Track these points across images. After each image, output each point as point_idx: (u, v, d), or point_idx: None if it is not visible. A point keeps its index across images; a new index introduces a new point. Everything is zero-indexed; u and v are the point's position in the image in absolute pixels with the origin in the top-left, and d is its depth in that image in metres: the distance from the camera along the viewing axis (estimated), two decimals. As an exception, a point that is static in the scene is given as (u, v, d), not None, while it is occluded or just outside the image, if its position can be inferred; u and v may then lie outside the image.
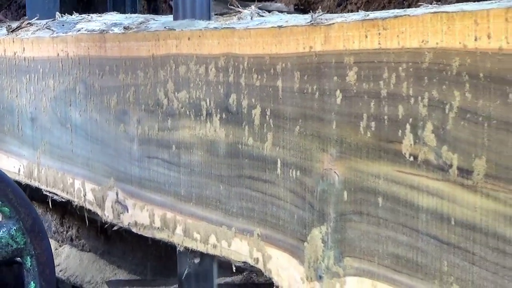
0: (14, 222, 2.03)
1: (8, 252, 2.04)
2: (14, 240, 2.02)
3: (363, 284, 1.71)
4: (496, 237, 1.40)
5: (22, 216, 2.04)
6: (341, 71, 1.70)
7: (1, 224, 2.04)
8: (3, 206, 2.03)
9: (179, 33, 2.28)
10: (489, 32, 1.38)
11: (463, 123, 1.44)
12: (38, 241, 2.06)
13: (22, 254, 2.05)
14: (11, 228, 2.03)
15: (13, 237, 2.02)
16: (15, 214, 2.03)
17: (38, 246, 2.05)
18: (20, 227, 2.03)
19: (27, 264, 2.05)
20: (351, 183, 1.71)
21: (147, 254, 4.22)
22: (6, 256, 2.05)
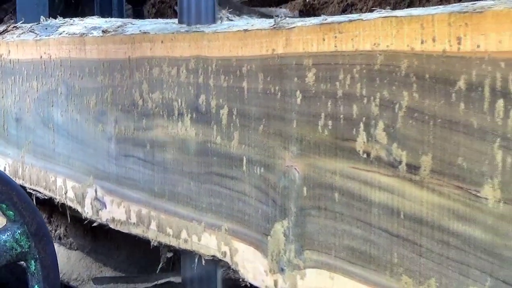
0: (18, 226, 2.00)
1: (12, 255, 2.00)
2: (18, 243, 2.00)
3: (321, 276, 1.75)
4: (441, 230, 1.44)
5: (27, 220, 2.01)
6: (301, 72, 1.74)
7: (6, 228, 2.02)
8: (8, 209, 2.00)
9: (153, 36, 2.32)
10: (434, 36, 1.42)
11: (411, 121, 1.48)
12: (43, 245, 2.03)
13: (26, 257, 2.02)
14: (15, 231, 2.00)
15: (17, 240, 2.00)
16: (20, 218, 2.00)
17: (43, 250, 2.03)
18: (24, 231, 2.00)
19: (31, 268, 2.03)
20: (310, 179, 1.75)
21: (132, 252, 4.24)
22: (10, 259, 2.01)
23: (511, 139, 1.30)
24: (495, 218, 1.34)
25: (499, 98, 1.31)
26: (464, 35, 1.36)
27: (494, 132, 1.32)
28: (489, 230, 1.35)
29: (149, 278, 3.76)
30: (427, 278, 1.48)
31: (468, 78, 1.36)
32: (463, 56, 1.36)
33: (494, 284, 1.35)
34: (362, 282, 1.64)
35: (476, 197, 1.37)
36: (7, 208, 1.99)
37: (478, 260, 1.38)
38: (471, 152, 1.37)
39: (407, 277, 1.53)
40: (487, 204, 1.35)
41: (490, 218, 1.35)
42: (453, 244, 1.42)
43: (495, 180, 1.33)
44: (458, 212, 1.40)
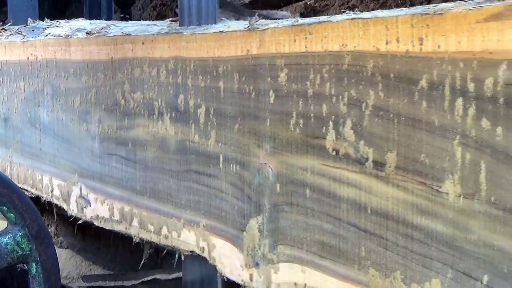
0: (19, 228, 1.98)
1: (13, 258, 1.98)
2: (19, 246, 1.98)
3: (294, 269, 1.78)
4: (405, 224, 1.48)
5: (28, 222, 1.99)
6: (274, 72, 1.77)
7: (7, 230, 2.00)
8: (9, 212, 1.98)
9: (134, 38, 2.35)
10: (398, 37, 1.45)
11: (377, 120, 1.51)
12: (44, 248, 2.01)
13: (27, 260, 2.00)
14: (16, 234, 1.98)
15: (18, 243, 1.98)
16: (21, 221, 1.98)
17: (44, 253, 2.00)
18: (25, 234, 1.98)
19: (32, 271, 2.01)
20: (283, 176, 1.78)
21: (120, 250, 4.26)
22: (11, 262, 2.00)
23: (469, 136, 1.33)
24: (455, 212, 1.37)
25: (459, 96, 1.34)
26: (426, 36, 1.39)
27: (454, 130, 1.35)
28: (450, 224, 1.38)
29: (136, 275, 3.78)
30: (392, 271, 1.51)
31: (429, 77, 1.39)
32: (425, 56, 1.40)
33: (455, 275, 1.38)
34: (332, 275, 1.67)
35: (437, 192, 1.40)
36: (8, 211, 1.98)
37: (440, 253, 1.41)
38: (433, 149, 1.40)
39: (374, 270, 1.56)
40: (448, 199, 1.38)
41: (451, 212, 1.38)
42: (417, 238, 1.45)
43: (455, 176, 1.36)
44: (421, 206, 1.43)
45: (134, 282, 3.66)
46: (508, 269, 1.28)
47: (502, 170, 1.28)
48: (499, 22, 1.26)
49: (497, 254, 1.30)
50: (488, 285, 1.32)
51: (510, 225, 1.28)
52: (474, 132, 1.32)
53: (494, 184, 1.30)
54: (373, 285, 1.56)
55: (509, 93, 1.25)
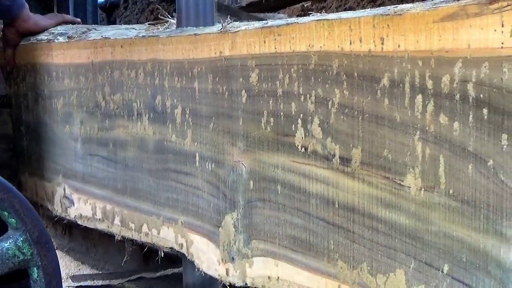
0: (20, 233, 1.96)
1: (14, 263, 1.95)
2: (20, 251, 1.95)
3: (267, 263, 1.80)
4: (371, 217, 1.50)
5: (29, 227, 1.96)
6: (245, 73, 1.80)
7: (8, 235, 1.97)
8: (10, 217, 1.95)
9: (114, 41, 2.37)
10: (360, 37, 1.48)
11: (343, 117, 1.54)
12: (45, 252, 1.98)
13: (28, 265, 1.98)
14: (17, 239, 1.95)
15: (19, 248, 1.95)
16: (22, 225, 1.95)
17: (45, 257, 1.98)
18: (26, 238, 1.96)
19: (33, 275, 1.98)
20: (256, 173, 1.81)
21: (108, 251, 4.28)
22: (13, 267, 1.96)
23: (429, 132, 1.36)
24: (417, 205, 1.40)
25: (418, 93, 1.37)
26: (387, 36, 1.42)
27: (414, 126, 1.38)
28: (412, 216, 1.41)
29: (122, 274, 3.80)
30: (359, 263, 1.54)
31: (391, 75, 1.42)
32: (386, 55, 1.42)
33: (418, 266, 1.41)
34: (303, 268, 1.69)
35: (400, 186, 1.43)
36: (9, 216, 1.95)
37: (403, 244, 1.44)
38: (395, 144, 1.43)
39: (342, 262, 1.58)
40: (409, 192, 1.41)
41: (413, 205, 1.41)
42: (382, 230, 1.48)
43: (416, 170, 1.39)
44: (385, 200, 1.46)
45: (121, 281, 3.67)
46: (466, 258, 1.31)
47: (459, 164, 1.31)
48: (453, 22, 1.29)
49: (456, 244, 1.33)
50: (448, 274, 1.35)
51: (467, 216, 1.31)
52: (433, 128, 1.35)
53: (452, 177, 1.33)
54: (341, 276, 1.59)
55: (464, 89, 1.28)
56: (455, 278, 1.34)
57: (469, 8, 1.26)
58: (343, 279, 1.58)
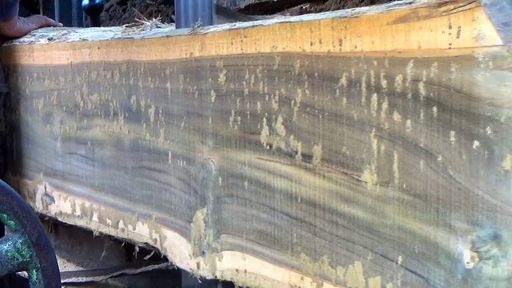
0: (20, 235, 1.92)
1: (14, 265, 1.92)
2: (20, 253, 1.91)
3: (235, 256, 1.83)
4: (331, 211, 1.54)
5: (28, 229, 1.92)
6: (214, 73, 1.83)
7: (7, 238, 1.94)
8: (9, 219, 1.91)
9: (91, 43, 2.40)
10: (320, 38, 1.51)
11: (304, 115, 1.57)
12: (44, 255, 1.94)
13: (28, 267, 1.94)
14: (17, 241, 1.92)
15: (19, 250, 1.91)
16: (21, 228, 1.92)
17: (44, 260, 1.94)
18: (26, 241, 1.92)
19: (33, 278, 1.94)
20: (224, 170, 1.84)
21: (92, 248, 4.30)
22: (12, 269, 1.93)
23: (383, 129, 1.39)
24: (373, 199, 1.43)
25: (374, 93, 1.40)
26: (344, 37, 1.46)
27: (370, 123, 1.42)
28: (369, 210, 1.45)
29: (106, 271, 3.82)
30: (321, 255, 1.58)
31: (348, 75, 1.45)
32: (344, 56, 1.46)
33: (374, 257, 1.45)
34: (269, 261, 1.73)
35: (358, 181, 1.46)
36: (8, 218, 1.92)
37: (361, 237, 1.47)
38: (353, 142, 1.46)
39: (305, 254, 1.62)
40: (366, 187, 1.44)
41: (369, 199, 1.44)
42: (341, 224, 1.52)
43: (372, 166, 1.43)
44: (344, 195, 1.50)
45: (104, 277, 3.69)
46: (419, 249, 1.35)
47: (412, 159, 1.35)
48: (405, 24, 1.33)
49: (409, 237, 1.37)
50: (402, 265, 1.39)
51: (419, 210, 1.34)
52: (387, 125, 1.38)
53: (405, 172, 1.36)
54: (304, 268, 1.62)
55: (416, 88, 1.32)
56: (408, 269, 1.38)
57: (420, 11, 1.30)
58: (305, 271, 1.62)
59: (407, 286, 1.38)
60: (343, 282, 1.52)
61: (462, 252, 1.27)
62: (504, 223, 1.20)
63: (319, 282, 1.58)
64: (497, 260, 1.22)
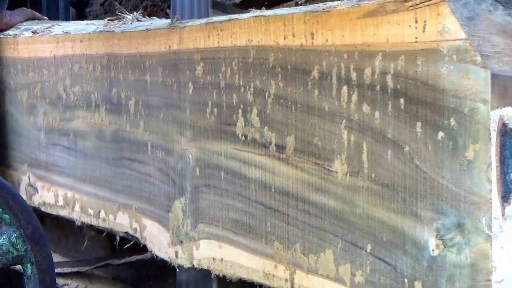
0: (14, 229, 1.88)
1: (8, 259, 1.88)
2: (14, 247, 1.87)
3: (212, 245, 1.85)
4: (303, 201, 1.55)
5: (23, 223, 1.88)
6: (192, 66, 1.84)
7: (2, 231, 1.89)
8: (4, 213, 1.88)
9: (74, 36, 2.40)
10: (293, 32, 1.52)
11: (278, 107, 1.59)
12: (39, 248, 1.90)
13: (22, 261, 1.91)
14: (11, 235, 1.88)
15: (13, 244, 1.87)
16: (16, 221, 1.88)
17: (39, 253, 1.90)
18: (20, 234, 1.88)
19: (27, 271, 1.91)
20: (201, 160, 1.85)
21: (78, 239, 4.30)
22: (6, 263, 1.89)
23: (353, 120, 1.41)
24: (343, 189, 1.45)
25: (344, 85, 1.42)
26: (316, 31, 1.47)
27: (341, 115, 1.43)
28: (339, 199, 1.46)
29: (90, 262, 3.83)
30: (293, 243, 1.59)
31: (320, 68, 1.47)
32: (316, 49, 1.47)
33: (344, 245, 1.46)
34: (244, 250, 1.74)
35: (329, 171, 1.48)
36: (3, 212, 1.89)
37: (332, 225, 1.49)
38: (324, 133, 1.48)
39: (278, 243, 1.63)
40: (337, 177, 1.46)
41: (340, 189, 1.46)
42: (313, 213, 1.53)
43: (343, 156, 1.44)
44: (316, 184, 1.51)
45: (89, 268, 3.69)
46: (387, 237, 1.37)
47: (380, 150, 1.36)
48: (374, 18, 1.34)
49: (377, 225, 1.38)
50: (371, 252, 1.40)
51: (387, 199, 1.36)
52: (357, 116, 1.40)
53: (374, 163, 1.38)
54: (278, 257, 1.64)
55: (384, 81, 1.33)
56: (377, 256, 1.39)
57: (388, 6, 1.31)
58: (279, 259, 1.63)
59: (375, 273, 1.40)
60: (315, 269, 1.54)
61: (427, 240, 1.28)
62: (467, 212, 1.22)
63: (292, 270, 1.60)
64: (461, 248, 1.23)
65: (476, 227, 1.20)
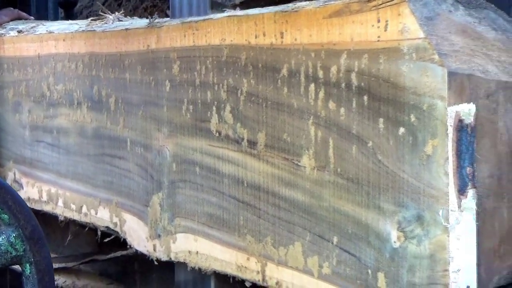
0: (13, 229, 1.85)
1: (7, 259, 1.85)
2: (13, 247, 1.84)
3: (188, 239, 1.87)
4: (274, 195, 1.58)
5: (22, 223, 1.86)
6: (169, 64, 1.86)
7: (1, 231, 1.87)
8: (3, 213, 1.85)
9: (57, 35, 2.42)
10: (264, 31, 1.55)
11: (250, 104, 1.61)
12: (38, 248, 1.87)
13: (21, 261, 1.87)
14: (10, 235, 1.85)
15: (12, 244, 1.84)
16: (15, 221, 1.85)
17: (38, 253, 1.87)
18: (19, 234, 1.85)
19: (26, 271, 1.88)
20: (178, 156, 1.87)
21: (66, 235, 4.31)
22: (5, 263, 1.87)
23: (320, 117, 1.43)
24: (311, 183, 1.47)
25: (311, 82, 1.44)
26: (286, 30, 1.49)
27: (308, 111, 1.46)
28: (307, 193, 1.49)
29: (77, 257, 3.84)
30: (265, 236, 1.61)
31: (289, 66, 1.49)
32: (285, 48, 1.50)
33: (312, 238, 1.49)
34: (218, 243, 1.76)
35: (297, 166, 1.50)
36: (1, 212, 1.86)
37: (301, 219, 1.51)
38: (293, 129, 1.50)
39: (250, 236, 1.66)
40: (305, 171, 1.48)
41: (308, 183, 1.48)
42: (283, 207, 1.56)
43: (310, 151, 1.47)
44: (285, 179, 1.54)
45: (76, 263, 3.71)
46: (352, 230, 1.39)
47: (345, 145, 1.39)
48: (339, 18, 1.37)
49: (343, 218, 1.41)
50: (337, 244, 1.43)
51: (352, 192, 1.38)
52: (323, 113, 1.42)
53: (340, 157, 1.40)
54: (250, 249, 1.66)
55: (349, 79, 1.36)
56: (342, 248, 1.42)
57: (352, 6, 1.34)
58: (251, 252, 1.66)
59: (341, 264, 1.43)
60: (285, 262, 1.56)
61: (389, 232, 1.31)
62: (426, 205, 1.24)
63: (263, 262, 1.62)
64: (420, 239, 1.26)
65: (434, 220, 1.23)
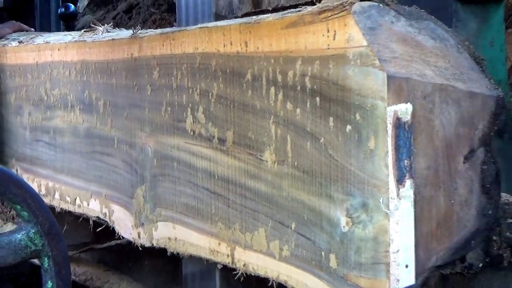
0: (32, 225, 1.86)
1: (27, 253, 1.86)
2: (32, 242, 1.85)
3: (167, 227, 1.90)
4: (241, 186, 1.61)
5: (40, 220, 1.85)
6: (149, 70, 1.89)
7: (21, 228, 1.88)
8: (22, 210, 1.86)
9: (53, 45, 2.44)
10: (231, 41, 1.58)
11: (219, 105, 1.64)
12: (55, 243, 1.87)
13: (40, 255, 1.87)
14: (29, 231, 1.85)
15: (31, 239, 1.85)
16: (34, 218, 1.86)
17: (55, 248, 1.87)
18: (38, 230, 1.85)
19: (44, 265, 1.87)
20: (158, 152, 1.90)
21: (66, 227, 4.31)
22: (25, 257, 1.87)
23: (279, 116, 1.46)
24: (272, 175, 1.50)
25: (272, 86, 1.47)
26: (249, 39, 1.52)
27: (269, 112, 1.49)
28: (269, 184, 1.52)
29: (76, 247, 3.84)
30: (233, 223, 1.64)
31: (252, 71, 1.52)
32: (249, 55, 1.53)
33: (274, 224, 1.52)
34: (194, 230, 1.79)
35: (260, 161, 1.53)
36: (21, 209, 1.86)
37: (264, 207, 1.54)
38: (257, 127, 1.53)
39: (221, 223, 1.68)
40: (267, 165, 1.51)
41: (270, 175, 1.51)
42: (248, 197, 1.58)
43: (271, 147, 1.50)
44: (250, 172, 1.57)
45: (76, 252, 3.72)
46: (307, 217, 1.42)
47: (301, 141, 1.42)
48: (295, 28, 1.40)
49: (299, 206, 1.44)
50: (295, 230, 1.46)
51: (307, 183, 1.41)
52: (282, 113, 1.45)
53: (296, 152, 1.43)
54: (221, 235, 1.69)
55: (303, 82, 1.39)
56: (299, 233, 1.45)
57: (306, 17, 1.37)
58: (222, 238, 1.69)
59: (299, 247, 1.46)
60: (251, 246, 1.59)
61: (339, 218, 1.34)
62: (370, 193, 1.28)
63: (232, 247, 1.65)
64: (365, 224, 1.29)
65: (377, 206, 1.26)
